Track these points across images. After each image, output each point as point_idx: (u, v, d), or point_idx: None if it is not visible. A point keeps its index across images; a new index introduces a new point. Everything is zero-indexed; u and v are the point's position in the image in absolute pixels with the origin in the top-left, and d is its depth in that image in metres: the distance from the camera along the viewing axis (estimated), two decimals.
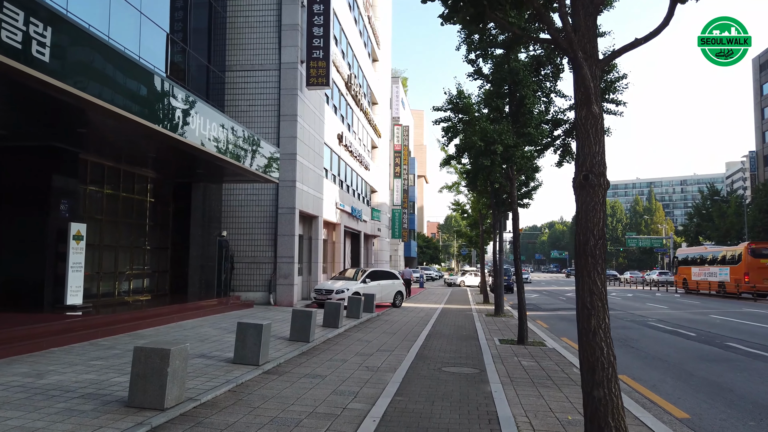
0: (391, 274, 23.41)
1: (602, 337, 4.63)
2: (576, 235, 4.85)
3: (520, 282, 13.17)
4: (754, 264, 32.17)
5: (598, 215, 4.74)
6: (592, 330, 4.65)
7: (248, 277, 20.24)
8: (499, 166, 12.56)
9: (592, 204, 4.75)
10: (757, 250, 32.80)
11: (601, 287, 4.69)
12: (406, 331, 14.17)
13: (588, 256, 4.70)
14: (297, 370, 8.42)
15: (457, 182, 28.51)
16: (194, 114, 11.69)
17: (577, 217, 4.84)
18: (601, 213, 4.76)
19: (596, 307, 4.66)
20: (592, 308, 4.66)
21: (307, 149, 21.70)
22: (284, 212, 20.13)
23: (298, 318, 10.83)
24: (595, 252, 4.69)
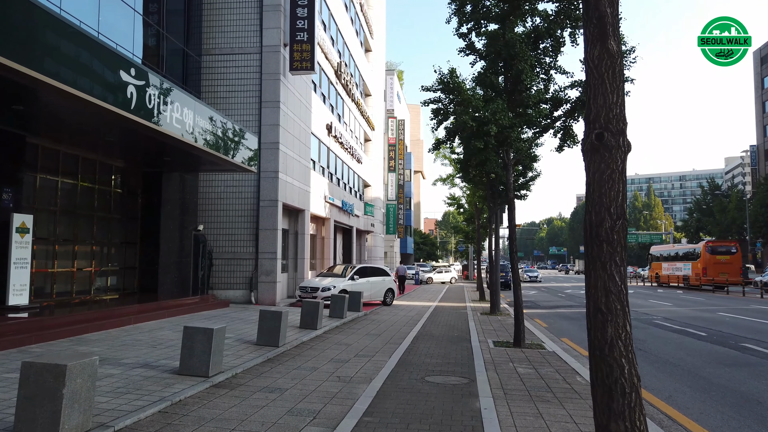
0: (381, 270, 22.20)
1: (622, 350, 3.43)
2: (586, 214, 3.65)
3: (516, 278, 11.97)
4: (711, 260, 36.50)
5: (617, 187, 3.53)
6: (609, 341, 3.44)
7: (228, 275, 19.02)
8: (493, 150, 11.33)
9: (608, 172, 3.54)
10: (713, 247, 37.34)
11: (620, 284, 3.49)
12: (392, 333, 12.97)
13: (603, 242, 3.49)
14: (254, 382, 7.20)
15: (451, 175, 27.29)
16: (153, 92, 10.46)
17: (588, 190, 3.63)
18: (620, 184, 3.55)
19: (614, 310, 3.46)
20: (609, 312, 3.46)
21: (291, 138, 20.45)
22: (266, 205, 18.89)
23: (266, 319, 9.62)
24: (612, 237, 3.49)
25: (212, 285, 18.87)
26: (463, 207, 34.87)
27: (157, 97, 10.65)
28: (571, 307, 23.87)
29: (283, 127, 19.45)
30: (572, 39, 11.38)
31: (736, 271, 35.87)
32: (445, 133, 12.03)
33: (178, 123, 11.43)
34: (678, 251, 43.10)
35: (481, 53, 11.95)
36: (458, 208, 35.09)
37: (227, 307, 16.11)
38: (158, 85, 10.71)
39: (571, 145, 12.00)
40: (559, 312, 21.46)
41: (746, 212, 61.53)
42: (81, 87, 8.44)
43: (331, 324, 13.37)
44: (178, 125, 11.44)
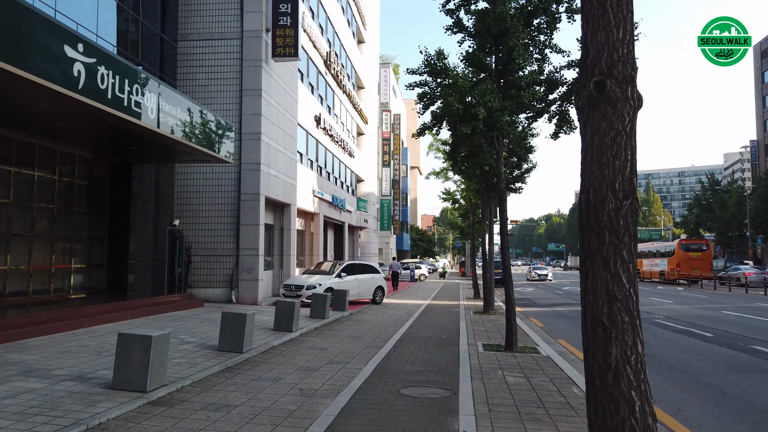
0: (370, 267, 21.24)
1: (631, 380, 2.49)
2: (581, 192, 2.69)
3: (508, 276, 11.02)
4: (684, 257, 39.70)
5: (623, 155, 2.59)
6: (613, 367, 2.50)
7: (207, 272, 18.05)
8: (483, 136, 10.35)
9: (612, 134, 2.59)
10: (686, 245, 40.83)
11: (628, 287, 2.54)
12: (375, 335, 12.03)
13: (604, 230, 2.55)
14: (201, 397, 6.24)
15: (444, 168, 26.31)
16: (107, 72, 9.47)
17: (584, 160, 2.68)
18: (627, 151, 2.60)
19: (620, 323, 2.52)
20: (613, 326, 2.52)
21: (275, 129, 19.46)
22: (247, 198, 17.91)
23: (229, 321, 8.66)
24: (616, 222, 2.54)
25: (191, 283, 17.91)
26: (458, 202, 33.91)
27: (112, 78, 9.66)
28: (568, 305, 22.95)
29: (266, 116, 18.46)
30: (569, 15, 10.42)
31: (706, 266, 39.21)
32: (431, 117, 11.05)
33: (138, 107, 10.44)
34: (657, 249, 46.59)
35: (469, 31, 10.96)
36: (453, 203, 34.10)
37: (201, 307, 15.14)
38: (113, 65, 9.72)
39: (567, 132, 11.04)
40: (556, 311, 20.54)
41: (747, 208, 60.58)
42: (13, 60, 7.46)
43: (309, 325, 12.42)
44: (138, 109, 10.45)
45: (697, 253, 39.76)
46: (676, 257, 40.49)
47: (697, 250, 40.06)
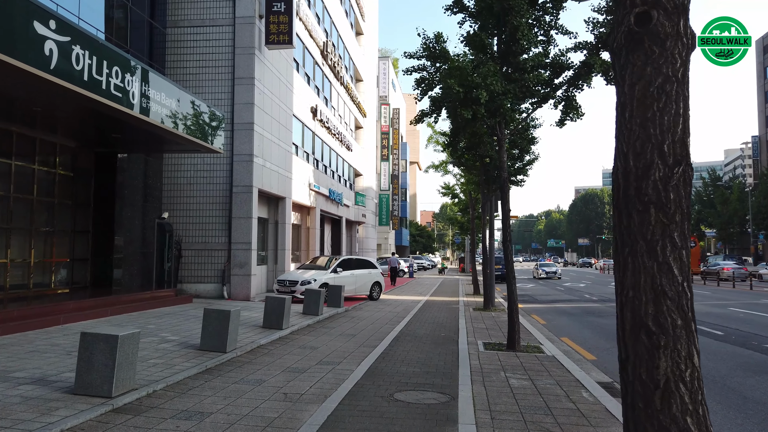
0: (367, 262, 20.66)
1: (686, 402, 1.91)
2: (616, 159, 2.10)
3: (510, 271, 10.42)
4: None
5: (674, 108, 2.00)
6: (661, 386, 1.91)
7: (198, 267, 17.45)
8: (484, 122, 9.73)
9: (659, 81, 2.01)
10: None
11: (681, 280, 1.95)
12: (370, 332, 11.44)
13: (649, 205, 1.97)
14: (173, 403, 5.66)
15: (444, 161, 25.69)
16: (83, 52, 8.85)
17: (621, 116, 2.08)
18: (679, 104, 2.00)
19: (670, 328, 1.95)
20: (662, 332, 1.96)
21: (269, 120, 18.83)
22: (240, 191, 17.30)
23: (212, 319, 8.06)
24: (665, 195, 1.96)
25: (181, 278, 17.32)
26: (458, 197, 33.30)
27: (89, 59, 9.04)
28: (570, 301, 22.39)
29: (259, 106, 17.83)
30: None
31: (695, 262, 41.80)
32: (430, 103, 10.42)
33: (118, 91, 9.82)
34: None
35: (470, 11, 10.33)
36: (453, 198, 33.49)
37: (190, 303, 14.54)
38: (90, 45, 9.10)
39: (574, 119, 10.43)
40: (557, 307, 19.98)
41: (749, 204, 59.99)
42: None
43: (301, 323, 11.83)
44: (119, 93, 9.83)
45: None
46: None
47: None
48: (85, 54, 8.96)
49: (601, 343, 11.78)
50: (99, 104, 9.50)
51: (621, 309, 2.07)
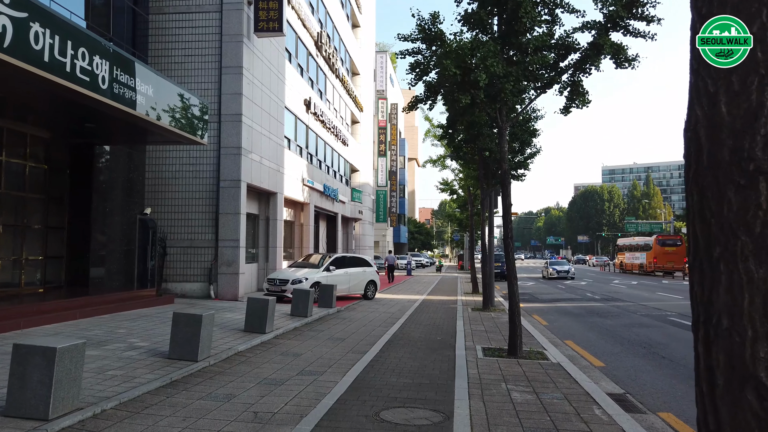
0: (361, 260, 19.88)
1: None
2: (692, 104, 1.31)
3: (511, 269, 9.64)
4: (660, 251, 43.67)
5: None
6: None
7: (184, 265, 16.67)
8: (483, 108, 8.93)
9: None
10: (662, 240, 44.81)
11: None
12: (361, 336, 10.67)
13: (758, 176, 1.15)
14: (121, 426, 4.87)
15: (442, 156, 24.90)
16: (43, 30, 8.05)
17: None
18: None
19: None
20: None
21: (259, 111, 18.03)
22: (227, 185, 16.51)
23: (181, 324, 7.27)
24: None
25: (166, 277, 16.54)
26: (456, 193, 32.51)
27: (50, 38, 8.23)
28: (572, 300, 21.64)
29: (248, 96, 17.02)
30: None
31: (680, 259, 42.39)
32: (425, 89, 9.62)
33: (84, 74, 9.02)
34: (637, 243, 50.64)
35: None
36: (451, 194, 32.70)
37: (171, 304, 13.76)
38: (51, 23, 8.29)
39: (580, 105, 9.63)
40: (559, 306, 19.23)
41: None
42: None
43: (287, 325, 11.05)
44: (85, 77, 9.02)
45: (672, 248, 43.61)
46: (653, 251, 44.43)
47: (672, 245, 44.01)
48: (45, 33, 8.15)
49: (607, 346, 11.03)
50: (64, 89, 8.70)
51: (705, 346, 1.30)
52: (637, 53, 9.02)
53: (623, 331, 13.17)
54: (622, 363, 9.34)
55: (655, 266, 44.24)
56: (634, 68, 9.25)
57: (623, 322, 14.89)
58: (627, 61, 9.05)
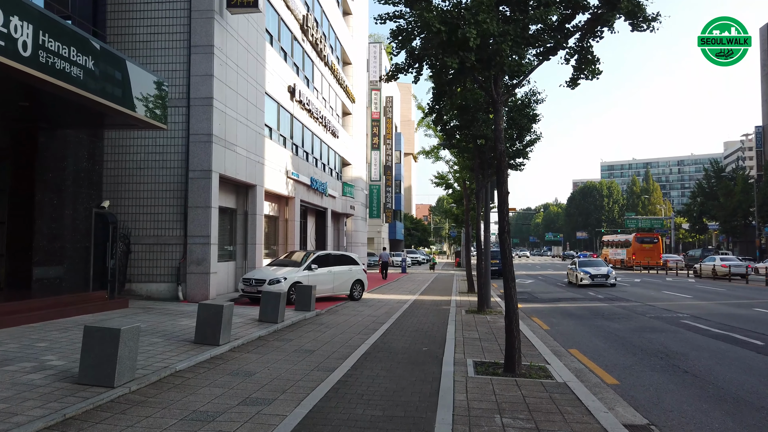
0: (347, 258, 18.42)
1: None
2: None
3: (508, 268, 8.15)
4: (638, 247, 47.55)
5: None
6: None
7: (150, 264, 15.20)
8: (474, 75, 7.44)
9: None
10: (640, 238, 49.10)
11: None
12: (335, 346, 9.22)
13: None
14: None
15: (435, 147, 23.46)
16: None
17: None
18: None
19: None
20: None
21: (233, 96, 16.54)
22: (197, 176, 15.03)
23: (94, 342, 5.77)
24: None
25: (130, 277, 15.08)
26: (452, 187, 31.09)
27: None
28: (574, 300, 20.22)
29: (220, 79, 15.52)
30: None
31: (657, 256, 46.66)
32: (407, 55, 8.11)
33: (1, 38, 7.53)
34: (619, 239, 54.88)
35: None
36: (446, 188, 31.30)
37: (124, 308, 12.25)
38: None
39: (590, 76, 8.17)
40: (560, 307, 17.80)
41: (754, 196, 57.84)
42: None
43: (250, 334, 9.58)
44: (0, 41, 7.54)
45: (650, 245, 47.53)
46: (632, 248, 48.15)
47: (649, 242, 48.01)
48: None
49: (618, 357, 9.60)
50: None
51: None
52: (658, 12, 7.56)
53: (634, 336, 11.75)
54: (639, 379, 7.92)
55: (633, 261, 47.59)
56: (653, 30, 7.78)
57: (632, 325, 13.48)
58: (645, 21, 7.59)
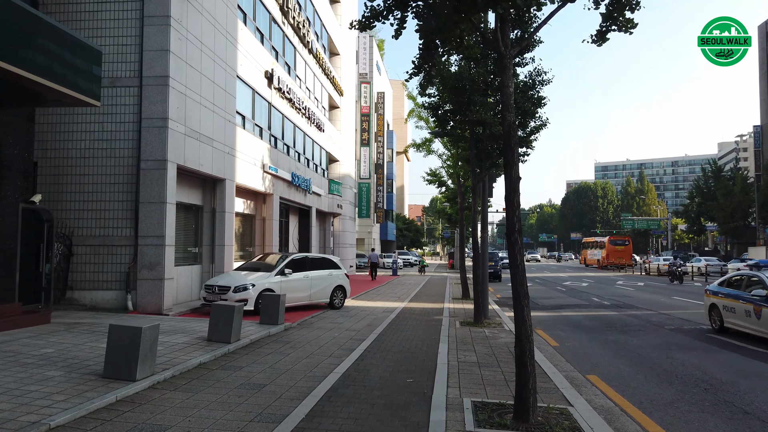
0: (327, 261, 16.40)
1: None
2: None
3: (520, 280, 6.16)
4: (612, 249, 52.93)
5: None
6: None
7: (95, 268, 13.12)
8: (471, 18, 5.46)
9: None
10: (613, 240, 54.38)
11: None
12: (294, 378, 7.20)
13: None
14: None
15: (427, 140, 21.50)
16: None
17: None
18: None
19: None
20: None
21: (197, 77, 14.49)
22: (150, 167, 12.97)
23: None
24: None
25: (72, 284, 13.02)
26: (445, 184, 29.12)
27: None
28: (579, 307, 18.28)
29: (179, 55, 13.47)
30: None
31: (627, 257, 52.18)
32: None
33: None
34: (596, 241, 61.30)
35: None
36: (440, 186, 29.30)
37: (45, 324, 10.13)
38: None
39: (625, 28, 6.21)
40: (566, 316, 15.86)
41: (755, 196, 56.23)
42: None
43: (188, 361, 7.53)
44: None
45: (621, 247, 52.74)
46: (606, 249, 53.74)
47: (621, 244, 53.17)
48: None
49: (652, 387, 7.66)
50: None
51: None
52: None
53: (661, 357, 9.82)
54: (689, 426, 5.98)
55: (607, 262, 52.85)
56: None
57: (654, 341, 11.55)
58: None
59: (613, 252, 52.52)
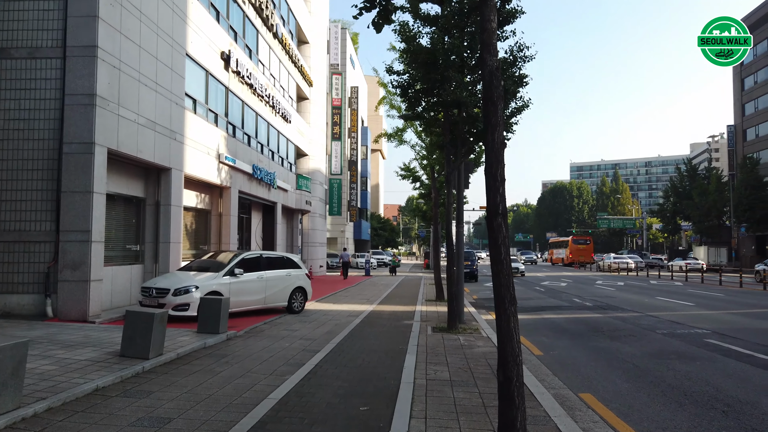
0: (286, 260, 14.74)
1: None
2: None
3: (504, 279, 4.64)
4: (575, 248, 57.11)
5: None
6: None
7: (8, 268, 11.27)
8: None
9: None
10: (575, 240, 58.96)
11: None
12: (215, 408, 5.60)
13: None
14: None
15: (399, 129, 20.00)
16: None
17: None
18: None
19: None
20: None
21: (135, 51, 12.72)
22: (74, 150, 11.17)
23: None
24: None
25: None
26: (420, 179, 27.68)
27: None
28: (560, 309, 16.98)
29: (110, 24, 11.70)
30: None
31: (588, 255, 56.17)
32: None
33: None
34: (561, 240, 66.23)
35: None
36: (414, 181, 27.84)
37: None
38: None
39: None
40: (547, 319, 14.51)
41: (730, 195, 56.20)
42: None
43: (80, 386, 5.86)
44: None
45: (583, 246, 56.90)
46: (569, 248, 57.92)
47: (583, 243, 57.47)
48: None
49: (660, 410, 6.27)
50: None
51: None
52: None
53: (661, 368, 8.48)
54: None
55: (570, 259, 57.04)
56: None
57: (649, 348, 10.23)
58: None
59: (575, 250, 56.73)
